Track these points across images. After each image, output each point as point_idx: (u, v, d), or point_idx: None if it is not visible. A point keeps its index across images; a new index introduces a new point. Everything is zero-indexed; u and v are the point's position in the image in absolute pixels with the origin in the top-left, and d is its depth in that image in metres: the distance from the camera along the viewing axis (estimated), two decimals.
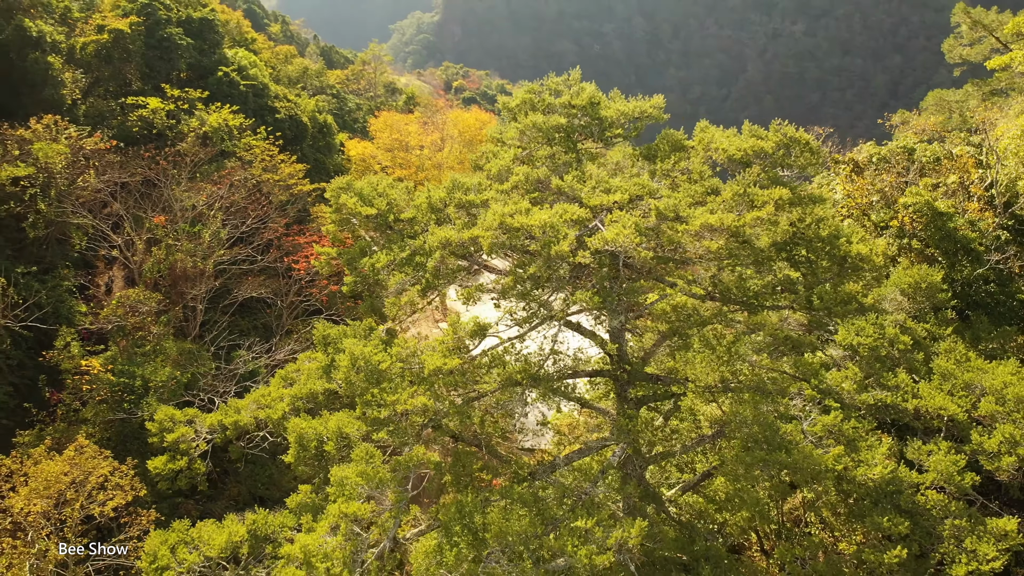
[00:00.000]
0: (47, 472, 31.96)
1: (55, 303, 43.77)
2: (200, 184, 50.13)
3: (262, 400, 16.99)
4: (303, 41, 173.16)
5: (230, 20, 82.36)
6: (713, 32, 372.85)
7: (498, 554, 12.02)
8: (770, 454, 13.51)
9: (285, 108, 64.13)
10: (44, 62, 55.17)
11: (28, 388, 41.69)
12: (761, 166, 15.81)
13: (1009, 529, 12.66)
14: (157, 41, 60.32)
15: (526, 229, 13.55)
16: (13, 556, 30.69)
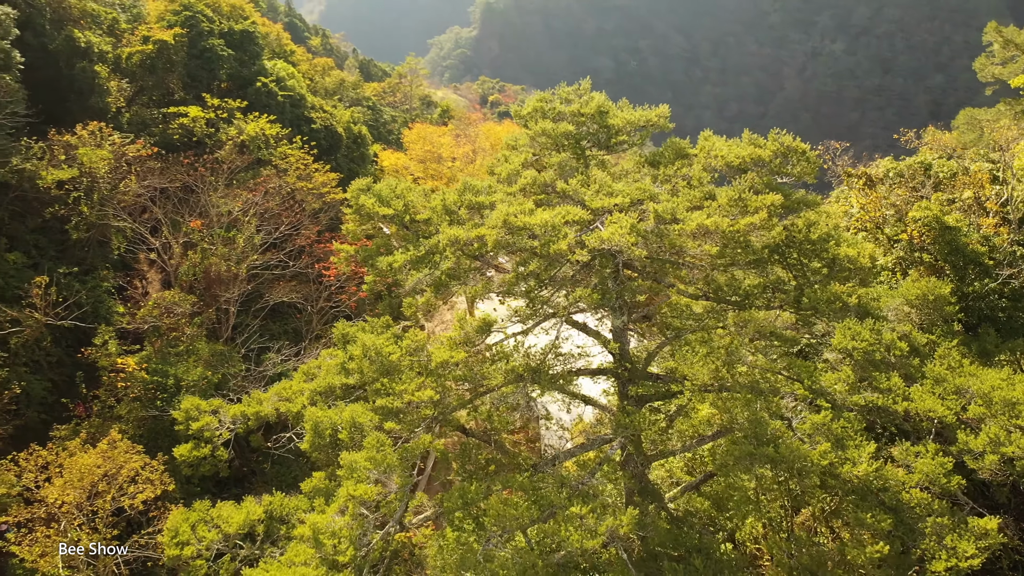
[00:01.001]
0: (81, 464, 33.07)
1: (94, 303, 45.25)
2: (236, 191, 51.48)
3: (283, 393, 17.76)
4: (342, 54, 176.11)
5: (270, 33, 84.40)
6: (752, 50, 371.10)
7: (497, 538, 12.58)
8: (757, 448, 13.95)
9: (321, 119, 65.54)
10: (91, 71, 57.13)
11: (66, 384, 43.12)
12: (758, 173, 16.33)
13: (990, 528, 12.91)
14: (199, 52, 62.14)
15: (528, 228, 14.20)
16: (47, 545, 31.74)
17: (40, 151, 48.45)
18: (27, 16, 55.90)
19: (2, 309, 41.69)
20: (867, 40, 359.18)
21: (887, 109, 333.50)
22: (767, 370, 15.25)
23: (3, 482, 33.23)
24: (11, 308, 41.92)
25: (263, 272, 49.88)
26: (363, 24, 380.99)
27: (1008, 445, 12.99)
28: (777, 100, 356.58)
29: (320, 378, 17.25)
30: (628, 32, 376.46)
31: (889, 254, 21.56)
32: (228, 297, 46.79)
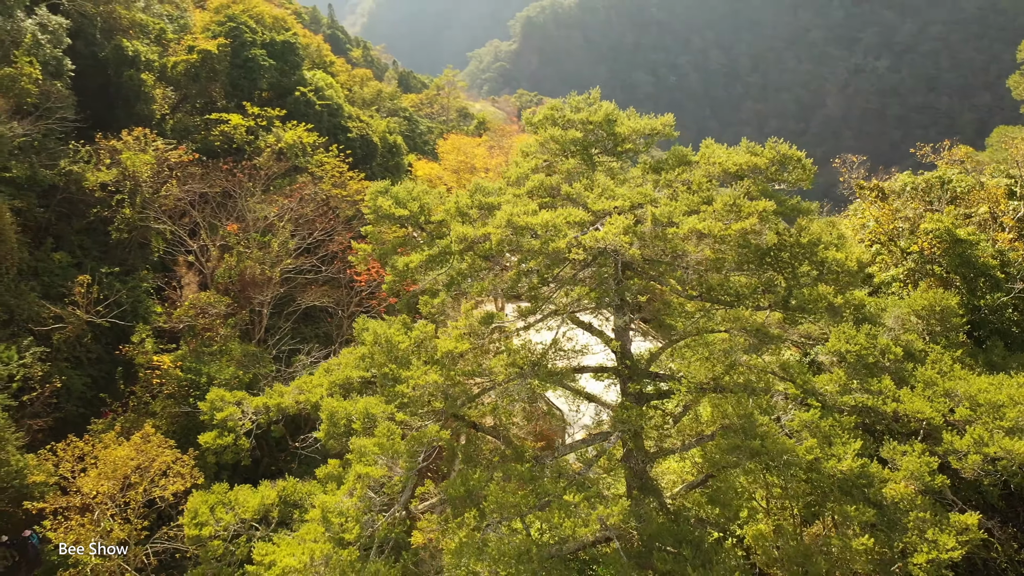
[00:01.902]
0: (115, 456, 34.18)
1: (134, 302, 46.78)
2: (273, 196, 52.81)
3: (304, 387, 18.55)
4: (382, 66, 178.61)
5: (311, 44, 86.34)
6: (792, 66, 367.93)
7: (496, 524, 13.12)
8: (744, 441, 14.34)
9: (357, 128, 66.90)
10: (138, 79, 59.15)
11: (105, 380, 44.59)
12: (754, 180, 16.78)
13: (970, 523, 13.15)
14: (242, 61, 63.91)
15: (530, 227, 14.83)
16: (81, 533, 32.84)
17: (87, 155, 50.35)
18: (79, 26, 58.19)
19: (46, 306, 43.33)
20: (912, 57, 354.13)
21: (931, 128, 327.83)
22: (761, 370, 15.66)
23: (42, 471, 34.51)
24: (55, 305, 43.56)
25: (296, 276, 51.02)
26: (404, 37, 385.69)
27: (991, 445, 13.26)
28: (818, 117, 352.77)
29: (338, 371, 18.00)
30: (667, 47, 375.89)
31: (901, 265, 21.75)
32: (262, 300, 47.95)
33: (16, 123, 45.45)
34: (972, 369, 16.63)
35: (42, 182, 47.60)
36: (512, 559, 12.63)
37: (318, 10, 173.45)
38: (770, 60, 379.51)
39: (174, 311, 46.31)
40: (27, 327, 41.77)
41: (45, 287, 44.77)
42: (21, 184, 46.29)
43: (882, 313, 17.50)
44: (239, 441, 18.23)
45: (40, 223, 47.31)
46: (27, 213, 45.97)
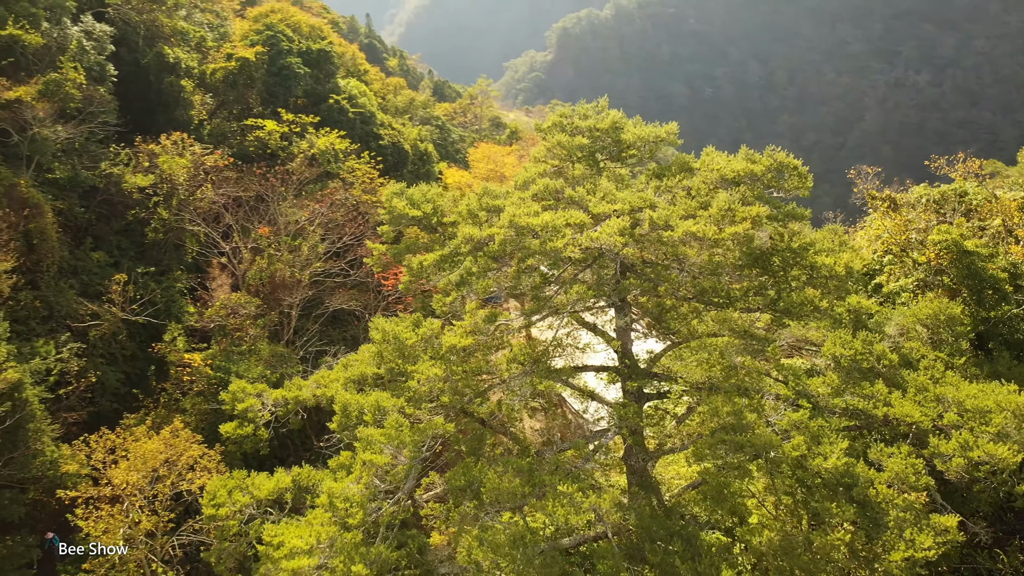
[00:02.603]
0: (145, 449, 35.26)
1: (167, 302, 48.14)
2: (304, 201, 53.99)
3: (322, 381, 19.29)
4: (418, 75, 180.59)
5: (345, 53, 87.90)
6: (830, 79, 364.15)
7: (493, 513, 13.65)
8: (730, 436, 14.72)
9: (389, 135, 68.02)
10: (178, 85, 60.89)
11: (138, 377, 45.88)
12: (750, 186, 17.19)
13: (949, 525, 13.36)
14: (278, 69, 65.42)
15: (531, 227, 15.39)
16: (110, 522, 33.89)
17: (126, 158, 51.95)
18: (123, 33, 60.04)
19: (84, 304, 44.77)
20: (953, 72, 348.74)
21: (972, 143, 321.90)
22: (755, 372, 16.02)
23: (75, 461, 35.68)
24: (92, 303, 44.99)
25: (325, 280, 52.06)
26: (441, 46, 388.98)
27: (975, 450, 13.48)
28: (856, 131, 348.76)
29: (354, 367, 18.72)
30: (703, 59, 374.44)
31: (910, 275, 21.88)
32: (291, 302, 49.03)
33: (60, 126, 47.03)
34: (976, 379, 16.79)
35: (83, 183, 49.22)
36: (506, 545, 13.16)
37: (356, 20, 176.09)
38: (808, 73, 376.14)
39: (206, 311, 47.54)
40: (65, 323, 43.17)
41: (83, 285, 46.22)
42: (63, 185, 47.91)
43: (887, 321, 17.76)
44: (258, 432, 19.00)
45: (80, 223, 48.85)
46: (68, 213, 47.52)
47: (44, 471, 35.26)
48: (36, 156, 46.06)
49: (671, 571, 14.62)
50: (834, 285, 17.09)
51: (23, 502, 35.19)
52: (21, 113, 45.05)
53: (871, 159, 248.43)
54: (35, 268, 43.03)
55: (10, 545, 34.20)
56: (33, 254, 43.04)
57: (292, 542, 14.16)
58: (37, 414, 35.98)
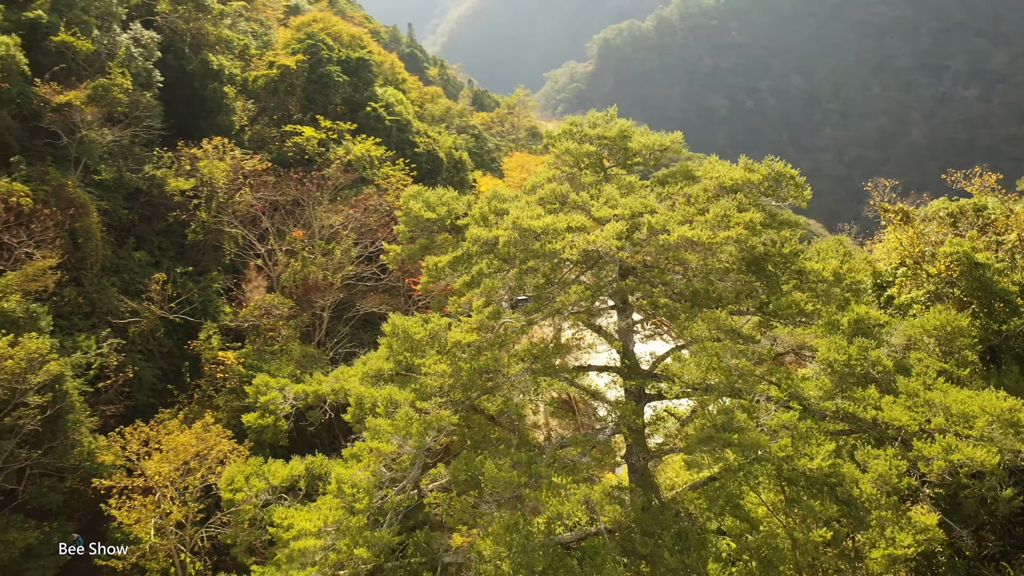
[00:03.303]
0: (177, 442, 36.39)
1: (204, 301, 49.58)
2: (339, 206, 55.17)
3: (340, 376, 20.09)
4: (458, 84, 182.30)
5: (384, 62, 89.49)
6: (875, 93, 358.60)
7: (492, 503, 14.22)
8: (718, 433, 15.10)
9: (424, 143, 69.13)
10: (221, 91, 62.69)
11: (174, 373, 47.29)
12: (747, 194, 17.62)
13: (929, 524, 13.59)
14: (317, 77, 66.97)
15: (533, 230, 15.98)
16: (142, 512, 35.03)
17: (169, 161, 53.67)
18: (170, 40, 62.07)
19: (124, 301, 46.34)
20: (1004, 88, 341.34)
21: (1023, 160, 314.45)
22: (749, 374, 16.38)
23: (111, 452, 36.96)
24: (132, 301, 46.54)
25: (357, 283, 53.10)
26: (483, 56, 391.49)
27: (956, 453, 13.70)
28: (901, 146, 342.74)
29: (371, 363, 19.47)
30: (746, 71, 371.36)
31: (922, 287, 21.97)
32: (323, 304, 50.11)
33: (107, 130, 48.79)
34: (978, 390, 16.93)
35: (128, 185, 50.99)
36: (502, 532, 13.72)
37: (398, 29, 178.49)
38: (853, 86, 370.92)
39: (241, 311, 48.86)
40: (106, 320, 44.71)
41: (125, 283, 47.82)
42: (109, 186, 49.67)
43: (895, 331, 17.98)
44: (278, 423, 19.83)
45: (124, 223, 50.55)
46: (112, 213, 49.23)
47: (81, 461, 36.55)
48: (84, 158, 47.87)
49: (660, 562, 15.09)
50: (822, 289, 17.45)
51: (61, 490, 36.50)
52: (71, 116, 46.88)
53: (916, 175, 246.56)
54: (79, 265, 44.67)
55: (48, 531, 35.46)
56: (78, 252, 44.69)
57: (301, 524, 14.91)
58: (77, 406, 37.35)
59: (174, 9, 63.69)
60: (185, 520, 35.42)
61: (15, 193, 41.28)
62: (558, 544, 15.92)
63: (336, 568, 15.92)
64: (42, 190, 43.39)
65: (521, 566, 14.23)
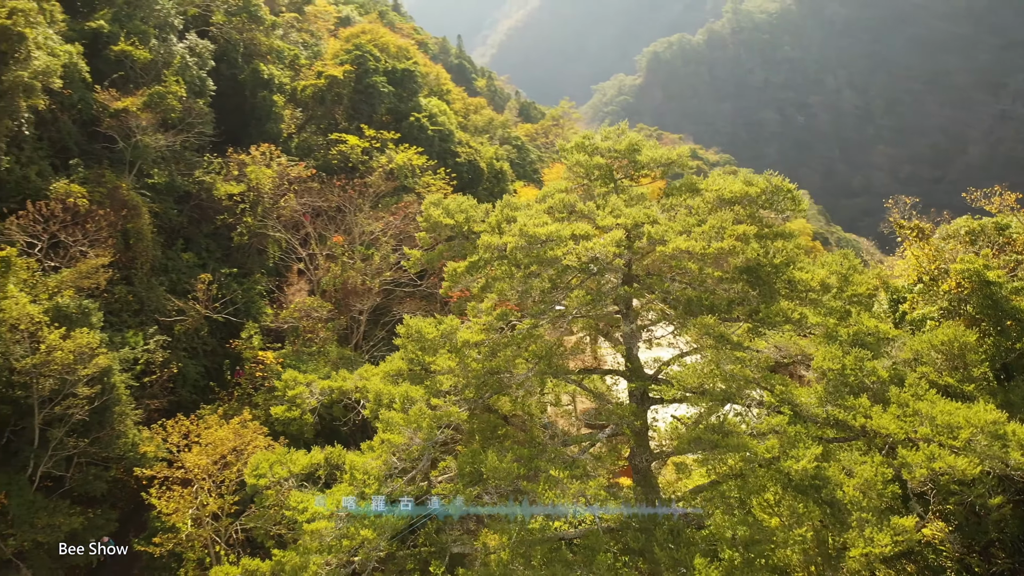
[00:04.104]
0: (215, 436, 37.80)
1: (247, 302, 51.28)
2: (379, 213, 56.55)
3: (364, 374, 21.09)
4: (505, 96, 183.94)
5: (430, 73, 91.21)
6: (931, 110, 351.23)
7: (494, 494, 14.96)
8: (707, 435, 15.63)
9: (466, 153, 70.36)
10: (270, 100, 64.79)
11: (216, 370, 48.98)
12: (745, 207, 18.19)
13: (908, 526, 13.91)
14: (364, 87, 68.74)
15: (538, 237, 16.75)
16: (180, 502, 36.44)
17: (218, 166, 55.72)
18: (223, 50, 64.40)
19: (172, 300, 48.21)
20: None
21: None
22: (743, 379, 16.87)
23: (153, 444, 38.56)
24: (179, 300, 48.39)
25: (395, 288, 54.30)
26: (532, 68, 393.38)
27: (938, 461, 14.03)
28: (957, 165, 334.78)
29: (392, 363, 20.45)
30: (797, 86, 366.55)
31: (934, 303, 22.11)
32: (361, 308, 51.41)
33: (161, 135, 50.91)
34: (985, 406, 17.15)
35: (178, 189, 53.12)
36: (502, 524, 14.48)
37: (448, 41, 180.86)
38: (907, 103, 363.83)
39: (281, 312, 50.40)
40: (154, 317, 46.58)
41: (172, 283, 49.73)
42: (160, 189, 51.79)
43: (903, 345, 18.33)
44: (304, 416, 20.96)
45: (174, 225, 52.61)
46: (163, 216, 51.28)
47: (125, 451, 38.19)
48: (138, 162, 50.02)
49: (650, 556, 15.68)
50: (811, 298, 17.92)
51: (105, 479, 38.18)
52: (127, 122, 49.04)
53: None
54: (130, 265, 46.64)
55: (92, 517, 37.06)
56: (129, 252, 46.69)
57: (315, 508, 15.89)
58: (123, 398, 39.07)
59: (228, 20, 66.08)
60: (220, 512, 36.66)
61: (73, 194, 43.34)
62: (560, 539, 16.61)
63: (351, 554, 16.87)
64: (98, 192, 45.45)
65: (519, 555, 15.02)
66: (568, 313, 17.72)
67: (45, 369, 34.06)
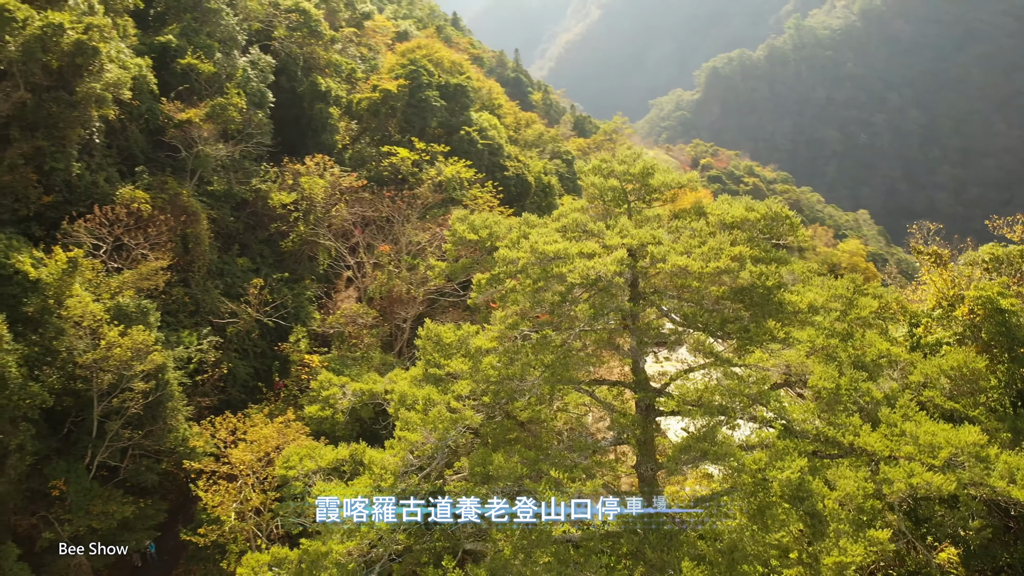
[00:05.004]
0: (260, 434, 39.53)
1: (297, 307, 53.24)
2: (426, 224, 58.07)
3: (394, 378, 22.35)
4: (560, 109, 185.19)
5: (482, 88, 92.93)
6: (1000, 130, 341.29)
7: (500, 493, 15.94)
8: (696, 443, 16.35)
9: (514, 167, 71.64)
10: (326, 112, 67.08)
11: (264, 372, 50.99)
12: (745, 231, 18.91)
13: (882, 538, 14.38)
14: (416, 101, 70.61)
15: (547, 253, 17.74)
16: (225, 496, 38.19)
17: (274, 176, 58.01)
18: (284, 64, 66.97)
19: (225, 303, 50.40)
20: None
21: None
22: (738, 393, 17.55)
23: (202, 439, 40.48)
24: (232, 302, 50.56)
25: (439, 298, 55.66)
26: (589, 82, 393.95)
27: (916, 477, 14.55)
28: None
29: (418, 367, 21.67)
30: (860, 104, 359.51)
31: (948, 329, 22.33)
32: (405, 316, 52.87)
33: (221, 145, 53.35)
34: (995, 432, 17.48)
35: (236, 196, 55.54)
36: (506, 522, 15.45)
37: (505, 55, 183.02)
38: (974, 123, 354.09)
39: (328, 318, 52.20)
40: (208, 319, 48.78)
41: (227, 286, 51.96)
42: (219, 196, 54.23)
43: (912, 368, 18.80)
44: (335, 416, 22.34)
45: (230, 231, 54.97)
46: (220, 222, 53.64)
47: (176, 445, 40.14)
48: (199, 170, 52.51)
49: (643, 558, 16.45)
50: (804, 319, 18.56)
51: (156, 471, 40.19)
52: (190, 132, 51.57)
53: None
54: (188, 268, 48.96)
55: (143, 507, 39.06)
56: (187, 255, 49.03)
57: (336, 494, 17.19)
58: (176, 395, 41.08)
59: (289, 35, 68.74)
60: (263, 507, 38.26)
61: (137, 200, 45.82)
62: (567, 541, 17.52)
63: (371, 546, 18.09)
64: (160, 198, 47.89)
65: (520, 550, 15.96)
66: (575, 326, 18.67)
67: (105, 364, 36.15)
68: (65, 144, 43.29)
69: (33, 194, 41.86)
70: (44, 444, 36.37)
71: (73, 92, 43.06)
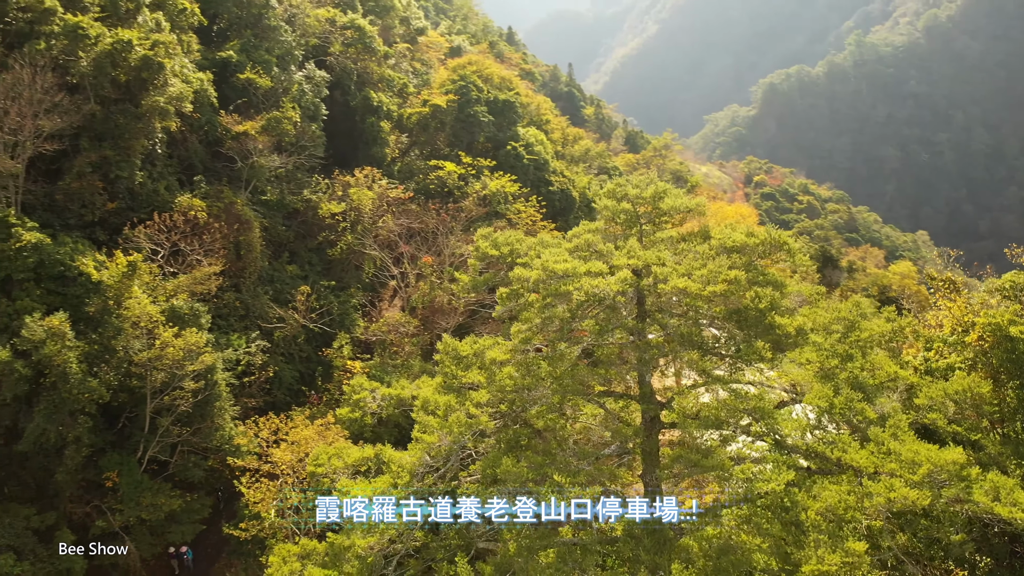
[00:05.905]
0: (300, 435, 41.17)
1: (342, 314, 55.00)
2: (470, 236, 59.41)
3: (420, 385, 23.61)
4: (612, 124, 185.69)
5: (531, 103, 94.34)
6: None
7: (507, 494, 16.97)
8: (687, 454, 17.11)
9: (559, 182, 72.72)
10: (378, 126, 69.12)
11: (309, 376, 52.79)
12: (743, 255, 19.64)
13: (860, 550, 14.86)
14: (465, 116, 72.28)
15: (556, 272, 18.74)
16: (266, 494, 39.87)
17: (325, 187, 60.12)
18: (338, 79, 69.30)
19: (274, 308, 52.42)
20: None
21: None
22: (734, 408, 18.27)
23: (247, 438, 42.30)
24: (280, 308, 52.56)
25: (479, 310, 56.89)
26: (644, 96, 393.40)
27: (895, 492, 15.10)
28: None
29: (438, 378, 22.95)
30: (923, 122, 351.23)
31: (960, 354, 22.56)
32: (445, 326, 54.19)
33: (275, 156, 55.60)
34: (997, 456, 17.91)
35: (287, 206, 57.73)
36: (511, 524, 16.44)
37: (559, 69, 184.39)
38: None
39: (371, 326, 53.86)
40: (257, 323, 50.81)
41: (276, 292, 54.00)
42: (271, 206, 56.46)
43: (918, 391, 19.33)
44: (364, 418, 23.70)
45: (281, 239, 57.13)
46: (272, 230, 55.82)
47: (222, 443, 41.98)
48: (253, 180, 54.82)
49: (638, 560, 17.26)
50: (790, 343, 19.19)
51: (203, 467, 42.09)
52: (246, 144, 53.92)
53: None
54: (239, 273, 51.12)
55: (190, 501, 40.96)
56: (240, 262, 51.22)
57: (356, 493, 18.38)
58: (224, 395, 43.00)
59: (344, 51, 71.09)
60: (301, 506, 39.74)
61: (194, 207, 48.15)
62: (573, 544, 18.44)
63: (391, 542, 19.32)
64: (216, 206, 50.17)
65: (524, 549, 16.95)
66: (583, 341, 19.65)
67: (158, 363, 38.22)
68: (130, 154, 45.76)
69: (98, 201, 44.36)
70: (100, 437, 38.51)
71: (139, 105, 45.58)
